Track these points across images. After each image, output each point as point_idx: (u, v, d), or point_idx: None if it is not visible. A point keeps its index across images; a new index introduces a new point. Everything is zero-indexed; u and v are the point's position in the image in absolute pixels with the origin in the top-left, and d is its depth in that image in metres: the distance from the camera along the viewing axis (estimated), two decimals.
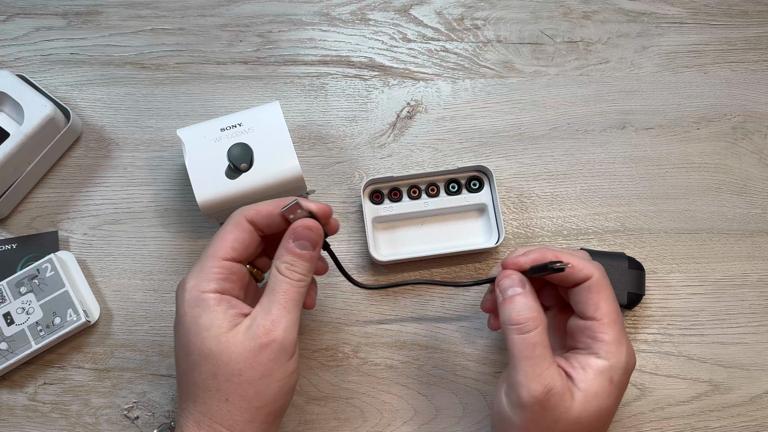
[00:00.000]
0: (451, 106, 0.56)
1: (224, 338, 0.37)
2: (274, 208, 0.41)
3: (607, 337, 0.39)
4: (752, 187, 0.55)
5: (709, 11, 0.59)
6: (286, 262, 0.40)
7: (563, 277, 0.40)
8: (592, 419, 0.38)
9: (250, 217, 0.41)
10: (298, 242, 0.40)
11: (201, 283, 0.39)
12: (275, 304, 0.39)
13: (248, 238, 0.41)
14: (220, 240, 0.40)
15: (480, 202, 0.52)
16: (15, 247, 0.51)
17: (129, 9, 0.58)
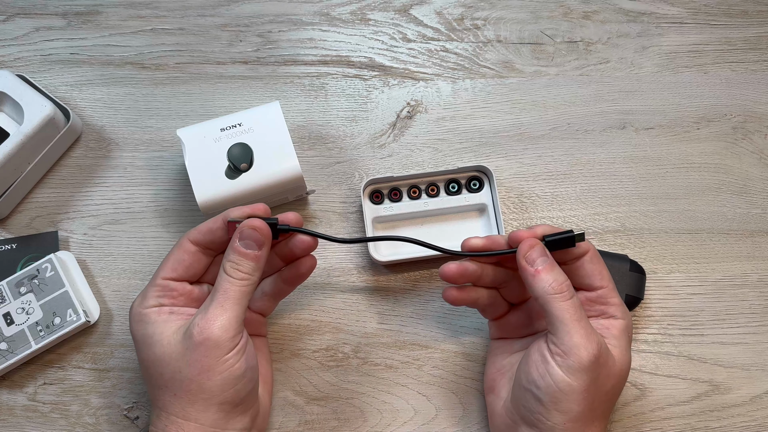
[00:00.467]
0: (451, 106, 0.56)
1: (166, 342, 0.40)
2: (213, 224, 0.42)
3: (617, 300, 0.42)
4: (752, 187, 0.55)
5: (709, 11, 0.59)
6: (231, 260, 0.41)
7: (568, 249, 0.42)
8: (626, 369, 0.42)
9: (192, 237, 0.43)
10: (243, 241, 0.41)
11: (141, 303, 0.42)
12: (213, 303, 0.40)
13: (189, 258, 0.42)
14: (161, 264, 0.43)
15: (480, 202, 0.52)
16: (15, 247, 0.51)
17: (129, 9, 0.58)
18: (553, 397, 0.39)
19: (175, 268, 0.42)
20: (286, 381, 0.50)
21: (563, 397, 0.39)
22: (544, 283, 0.40)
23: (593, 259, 0.42)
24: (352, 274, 0.52)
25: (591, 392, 0.39)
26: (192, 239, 0.43)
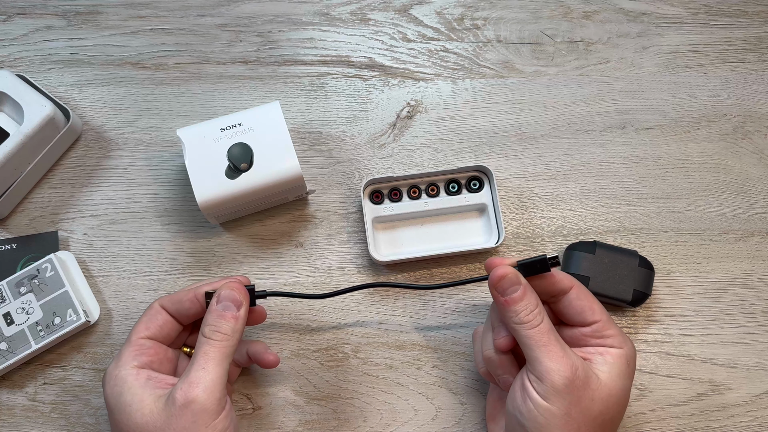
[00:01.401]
0: (451, 106, 0.56)
1: (147, 410, 0.38)
2: (184, 295, 0.43)
3: (613, 332, 0.42)
4: (752, 187, 0.55)
5: (709, 11, 0.59)
6: (210, 324, 0.41)
7: (548, 286, 0.42)
8: (620, 396, 0.40)
9: (162, 302, 0.44)
10: (222, 304, 0.42)
11: (118, 366, 0.41)
12: (194, 366, 0.39)
13: (161, 318, 0.43)
14: (134, 327, 0.43)
15: (480, 202, 0.52)
16: (15, 247, 0.51)
17: (129, 9, 0.58)
18: (535, 423, 0.39)
19: (148, 326, 0.43)
20: (286, 381, 0.50)
21: (545, 422, 0.39)
22: (512, 313, 0.41)
23: (580, 295, 0.42)
24: (352, 274, 0.52)
25: (574, 416, 0.38)
26: (161, 304, 0.44)
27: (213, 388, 0.38)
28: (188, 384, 0.38)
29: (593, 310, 0.42)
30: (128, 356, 0.41)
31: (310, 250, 0.53)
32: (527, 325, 0.40)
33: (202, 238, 0.53)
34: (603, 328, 0.42)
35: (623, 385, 0.41)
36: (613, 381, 0.40)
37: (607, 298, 0.49)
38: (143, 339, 0.42)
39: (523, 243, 0.53)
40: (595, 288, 0.49)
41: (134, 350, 0.42)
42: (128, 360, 0.41)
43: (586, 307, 0.42)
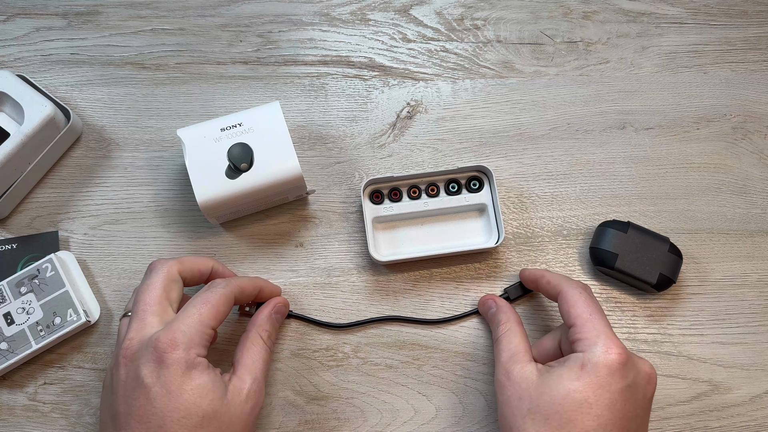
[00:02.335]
0: (451, 106, 0.56)
1: (225, 400, 0.40)
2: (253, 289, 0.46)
3: (583, 335, 0.42)
4: (752, 187, 0.55)
5: (709, 11, 0.59)
6: (268, 330, 0.46)
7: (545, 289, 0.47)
8: (556, 399, 0.39)
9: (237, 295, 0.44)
10: (276, 315, 0.47)
11: (195, 347, 0.40)
12: (260, 370, 0.43)
13: (227, 314, 0.43)
14: (214, 307, 0.42)
15: (480, 202, 0.52)
16: (15, 247, 0.51)
17: (129, 9, 0.58)
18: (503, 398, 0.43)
19: (219, 319, 0.42)
20: (286, 381, 0.50)
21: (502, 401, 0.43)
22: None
23: (564, 300, 0.44)
24: (352, 274, 0.52)
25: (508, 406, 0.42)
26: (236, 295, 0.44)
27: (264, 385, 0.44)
28: (258, 389, 0.42)
29: (568, 315, 0.43)
30: (204, 342, 0.41)
31: (310, 250, 0.53)
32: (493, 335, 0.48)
33: (202, 238, 0.53)
34: (575, 332, 0.42)
35: (565, 387, 0.39)
36: (550, 382, 0.40)
37: (632, 278, 0.50)
38: (211, 330, 0.41)
39: (523, 243, 0.53)
40: (622, 266, 0.50)
41: (208, 339, 0.41)
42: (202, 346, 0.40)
43: (564, 311, 0.43)
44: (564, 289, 0.44)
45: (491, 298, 0.50)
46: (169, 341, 0.39)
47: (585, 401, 0.39)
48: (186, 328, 0.40)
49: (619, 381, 0.39)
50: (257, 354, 0.44)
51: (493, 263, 0.52)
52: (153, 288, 0.42)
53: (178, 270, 0.43)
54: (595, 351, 0.40)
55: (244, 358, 0.43)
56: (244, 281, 0.45)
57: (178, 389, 0.38)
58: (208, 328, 0.41)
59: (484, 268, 0.52)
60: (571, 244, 0.53)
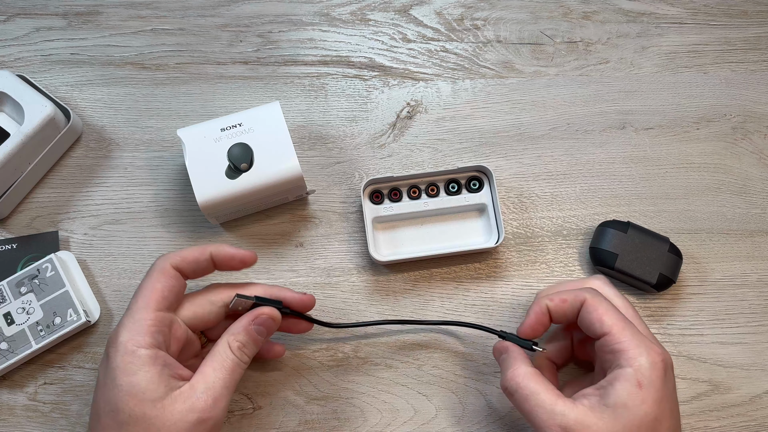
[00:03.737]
0: (451, 106, 0.56)
1: (160, 404, 0.37)
2: (200, 255, 0.42)
3: (623, 345, 0.39)
4: (752, 187, 0.55)
5: (709, 11, 0.59)
6: (240, 341, 0.41)
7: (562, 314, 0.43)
8: (631, 430, 0.37)
9: (176, 263, 0.41)
10: (257, 327, 0.42)
11: (134, 336, 0.38)
12: (220, 381, 0.39)
13: (177, 284, 0.41)
14: (149, 290, 0.40)
15: (480, 202, 0.52)
16: (15, 247, 0.52)
17: (129, 9, 0.58)
18: None
19: (166, 296, 0.40)
20: (286, 381, 0.50)
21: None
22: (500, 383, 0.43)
23: (590, 308, 0.41)
24: (352, 274, 0.52)
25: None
26: (175, 265, 0.41)
27: (226, 408, 0.39)
28: (213, 400, 0.38)
29: (602, 322, 0.40)
30: (146, 330, 0.38)
31: (310, 250, 0.53)
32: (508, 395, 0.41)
33: (202, 238, 0.53)
34: (613, 341, 0.39)
35: (634, 415, 0.37)
36: (618, 416, 0.37)
37: (632, 278, 0.50)
38: (162, 312, 0.40)
39: (522, 243, 0.53)
40: (622, 266, 0.50)
41: (152, 324, 0.39)
42: (146, 334, 0.38)
43: (595, 319, 0.40)
44: (588, 298, 0.41)
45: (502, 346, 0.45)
46: (111, 337, 0.39)
47: (656, 420, 0.38)
48: (126, 321, 0.39)
49: (670, 384, 0.40)
50: (220, 364, 0.40)
51: (493, 263, 0.52)
52: (143, 286, 0.41)
53: (171, 264, 0.41)
54: (643, 363, 0.38)
55: (205, 366, 0.40)
56: (188, 251, 0.42)
57: (111, 383, 0.38)
58: (149, 312, 0.39)
59: (484, 268, 0.52)
60: (571, 244, 0.53)
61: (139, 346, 0.38)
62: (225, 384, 0.39)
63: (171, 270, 0.41)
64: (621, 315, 0.41)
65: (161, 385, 0.38)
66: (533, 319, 0.43)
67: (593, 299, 0.41)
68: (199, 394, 0.38)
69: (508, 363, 0.42)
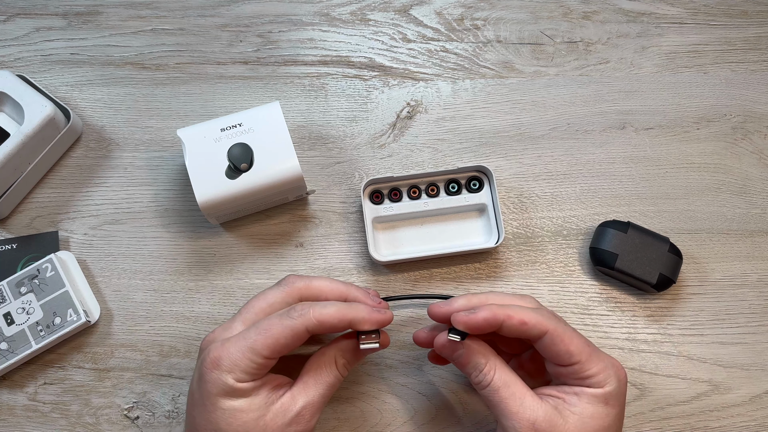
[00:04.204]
0: (451, 106, 0.56)
1: (263, 421, 0.38)
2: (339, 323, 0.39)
3: (592, 371, 0.40)
4: (752, 187, 0.55)
5: (709, 11, 0.59)
6: (347, 359, 0.42)
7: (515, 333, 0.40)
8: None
9: (313, 328, 0.39)
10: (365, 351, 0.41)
11: (237, 371, 0.38)
12: (320, 397, 0.40)
13: (298, 345, 0.40)
14: (272, 338, 0.38)
15: (480, 202, 0.52)
16: (15, 247, 0.52)
17: (129, 9, 0.58)
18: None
19: (282, 352, 0.39)
20: None
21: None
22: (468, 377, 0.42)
23: (556, 339, 0.40)
24: (352, 274, 0.52)
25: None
26: (311, 329, 0.39)
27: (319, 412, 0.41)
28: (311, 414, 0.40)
29: (570, 354, 0.40)
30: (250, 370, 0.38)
31: (310, 250, 0.53)
32: (478, 386, 0.41)
33: (202, 238, 0.53)
34: (582, 369, 0.40)
35: (598, 425, 0.39)
36: (585, 423, 0.39)
37: (632, 278, 0.50)
38: (272, 360, 0.39)
39: (523, 243, 0.53)
40: (622, 266, 0.50)
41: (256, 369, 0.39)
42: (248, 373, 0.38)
43: (562, 352, 0.40)
44: (551, 328, 0.40)
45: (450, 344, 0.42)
46: (213, 360, 0.39)
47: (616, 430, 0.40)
48: (234, 351, 0.38)
49: (625, 395, 0.41)
50: (324, 379, 0.41)
51: (493, 263, 0.52)
52: (264, 299, 0.41)
53: (307, 329, 0.39)
54: (612, 383, 0.40)
55: (308, 377, 0.41)
56: (327, 314, 0.39)
57: (212, 405, 0.38)
58: (259, 357, 0.38)
59: (484, 268, 0.52)
60: (571, 244, 0.53)
61: (239, 380, 0.38)
62: (324, 400, 0.41)
63: (304, 333, 0.39)
64: (582, 340, 0.41)
65: (262, 403, 0.39)
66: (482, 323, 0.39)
67: (556, 328, 0.40)
68: (301, 407, 0.39)
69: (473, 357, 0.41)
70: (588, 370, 0.40)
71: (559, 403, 0.40)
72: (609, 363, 0.40)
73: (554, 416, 0.39)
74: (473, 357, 0.41)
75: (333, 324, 0.39)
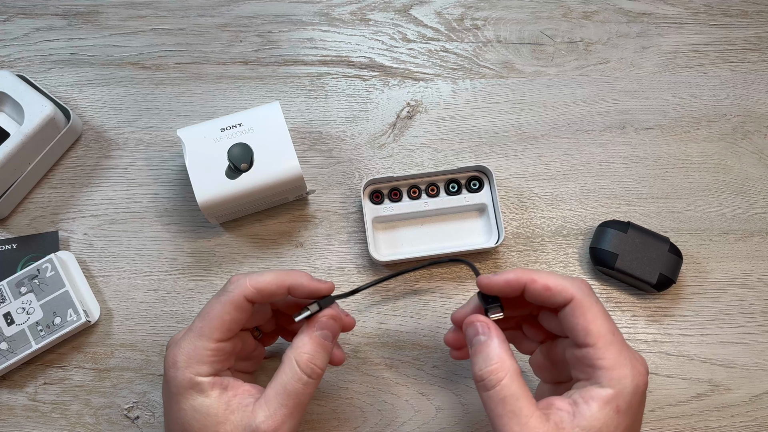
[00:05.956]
0: (451, 106, 0.56)
1: (222, 428, 0.37)
2: (278, 288, 0.39)
3: (606, 362, 0.35)
4: (752, 187, 0.55)
5: (709, 11, 0.59)
6: (308, 353, 0.38)
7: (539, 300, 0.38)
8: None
9: (251, 296, 0.39)
10: (322, 332, 0.39)
11: (193, 364, 0.38)
12: (286, 406, 0.37)
13: (245, 317, 0.39)
14: (216, 320, 0.38)
15: (480, 202, 0.52)
16: (15, 247, 0.52)
17: (129, 9, 0.58)
18: None
19: (232, 329, 0.38)
20: None
21: None
22: (473, 368, 0.37)
23: (577, 311, 0.36)
24: (352, 274, 0.52)
25: None
26: (250, 298, 0.38)
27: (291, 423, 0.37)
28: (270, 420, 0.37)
29: (587, 332, 0.36)
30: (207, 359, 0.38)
31: (310, 250, 0.53)
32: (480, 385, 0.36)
33: (202, 238, 0.53)
34: (594, 356, 0.36)
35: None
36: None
37: (632, 278, 0.50)
38: (224, 343, 0.38)
39: (523, 243, 0.53)
40: (622, 266, 0.50)
41: (213, 356, 0.38)
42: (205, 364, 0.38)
43: (579, 326, 0.36)
44: (578, 297, 0.36)
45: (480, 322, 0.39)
46: (170, 361, 0.38)
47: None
48: (186, 345, 0.38)
49: (643, 405, 0.37)
50: (285, 384, 0.38)
51: (494, 263, 0.52)
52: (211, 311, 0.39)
53: (246, 297, 0.38)
54: (626, 387, 0.35)
55: (269, 387, 0.38)
56: (264, 280, 0.39)
57: (175, 406, 0.38)
58: (211, 342, 0.38)
59: (484, 268, 0.52)
60: (571, 244, 0.53)
61: (197, 374, 0.38)
62: (293, 405, 0.37)
63: (244, 303, 0.38)
64: (609, 324, 0.37)
65: (221, 409, 0.37)
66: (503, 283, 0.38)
67: (583, 300, 0.37)
68: (262, 420, 0.37)
69: (491, 349, 0.37)
70: (601, 359, 0.35)
71: (567, 418, 0.35)
72: (629, 362, 0.36)
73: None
74: (490, 348, 0.37)
75: (271, 290, 0.38)
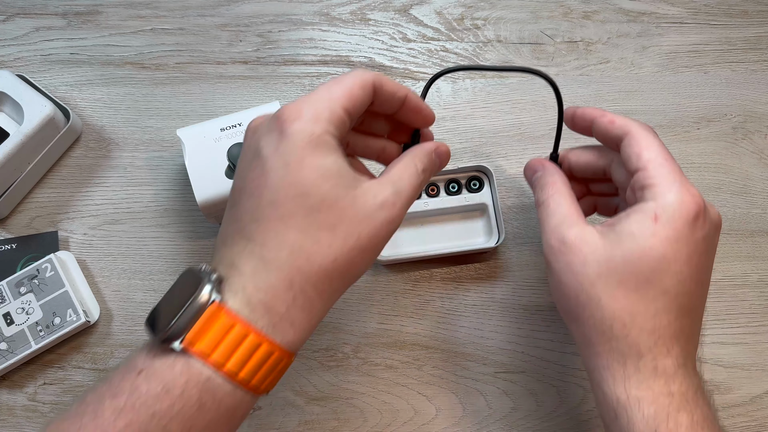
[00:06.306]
0: (451, 106, 0.56)
1: (352, 194, 0.33)
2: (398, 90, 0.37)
3: (654, 180, 0.35)
4: (752, 187, 0.55)
5: (709, 11, 0.59)
6: (425, 164, 0.36)
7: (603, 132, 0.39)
8: (630, 259, 0.34)
9: (378, 83, 0.35)
10: (438, 159, 0.38)
11: (321, 121, 0.33)
12: (407, 191, 0.35)
13: (367, 103, 0.35)
14: (348, 90, 0.34)
15: (480, 202, 0.52)
16: (15, 247, 0.51)
17: (129, 9, 0.58)
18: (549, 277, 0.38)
19: (356, 106, 0.34)
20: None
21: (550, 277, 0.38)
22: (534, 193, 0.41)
23: (633, 141, 0.37)
24: None
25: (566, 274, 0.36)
26: (376, 84, 0.35)
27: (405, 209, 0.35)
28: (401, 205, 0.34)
29: (638, 157, 0.36)
30: (333, 120, 0.33)
31: None
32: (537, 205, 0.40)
33: (202, 238, 0.53)
34: (644, 178, 0.35)
35: (639, 244, 0.34)
36: (619, 242, 0.34)
37: None
38: (347, 119, 0.34)
39: (523, 243, 0.53)
40: None
41: (338, 120, 0.33)
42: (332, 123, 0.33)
43: (632, 154, 0.36)
44: (634, 130, 0.37)
45: (538, 162, 0.42)
46: (293, 111, 0.33)
47: (663, 258, 0.34)
48: (313, 101, 0.33)
49: (697, 232, 0.35)
50: (408, 173, 0.35)
51: (494, 263, 0.52)
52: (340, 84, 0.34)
53: (374, 81, 0.35)
54: (668, 199, 0.35)
55: (392, 170, 0.35)
56: (387, 78, 0.36)
57: (297, 163, 0.32)
58: (339, 107, 0.33)
59: (484, 268, 0.52)
60: None
61: (326, 131, 0.33)
62: (410, 194, 0.35)
63: (371, 86, 0.35)
64: (664, 152, 0.36)
65: (352, 175, 0.33)
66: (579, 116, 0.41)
67: (639, 131, 0.37)
68: (389, 194, 0.34)
69: (545, 179, 0.40)
70: (649, 178, 0.35)
71: (606, 227, 0.36)
72: (681, 186, 0.35)
73: (589, 235, 0.36)
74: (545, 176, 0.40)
75: (392, 88, 0.36)
